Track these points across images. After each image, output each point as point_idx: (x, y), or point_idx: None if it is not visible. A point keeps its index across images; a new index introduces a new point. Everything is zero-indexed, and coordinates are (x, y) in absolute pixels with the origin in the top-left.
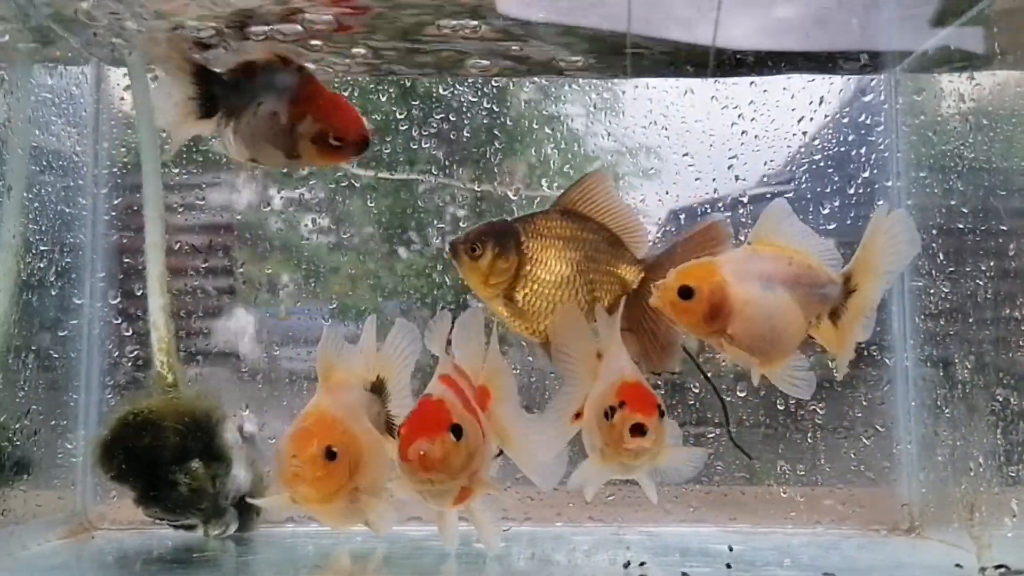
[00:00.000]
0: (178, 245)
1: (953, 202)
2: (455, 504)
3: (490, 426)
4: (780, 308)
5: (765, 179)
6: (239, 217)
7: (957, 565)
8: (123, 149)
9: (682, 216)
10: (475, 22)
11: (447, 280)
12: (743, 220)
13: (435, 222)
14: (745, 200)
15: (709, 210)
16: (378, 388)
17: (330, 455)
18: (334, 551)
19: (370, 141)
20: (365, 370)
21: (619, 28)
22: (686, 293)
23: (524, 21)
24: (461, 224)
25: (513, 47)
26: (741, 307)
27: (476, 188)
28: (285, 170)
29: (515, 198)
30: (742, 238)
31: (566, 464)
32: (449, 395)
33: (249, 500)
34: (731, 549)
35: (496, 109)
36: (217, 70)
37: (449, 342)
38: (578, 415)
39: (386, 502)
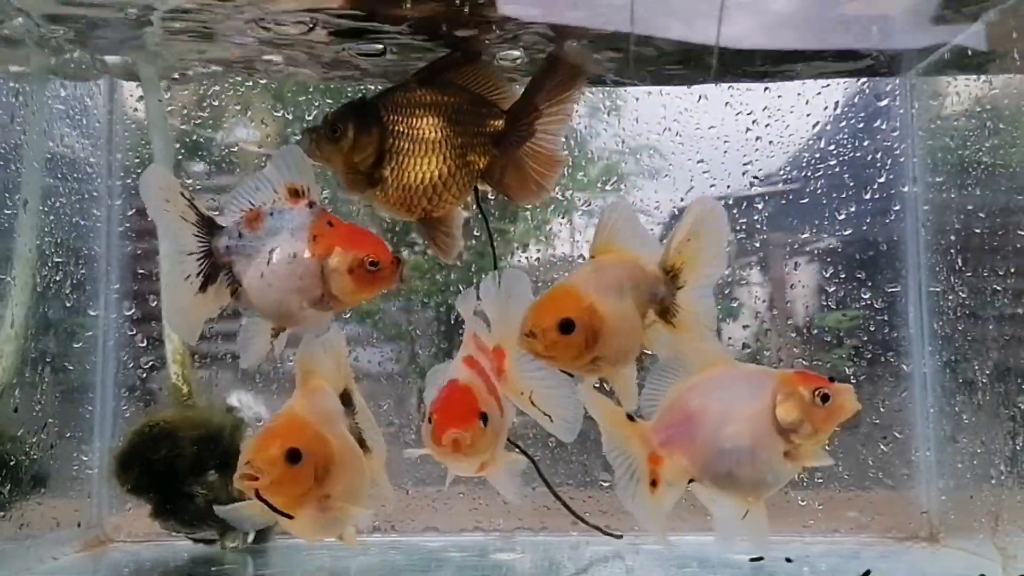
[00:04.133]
0: None
1: (971, 206)
2: (477, 472)
3: (507, 393)
4: (633, 316)
5: (778, 180)
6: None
7: (982, 575)
8: (137, 160)
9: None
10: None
11: (452, 278)
12: (755, 220)
13: None
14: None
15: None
16: (345, 401)
17: (293, 457)
18: (350, 562)
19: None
20: (337, 380)
21: (622, 28)
22: (568, 327)
23: (525, 21)
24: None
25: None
26: (612, 325)
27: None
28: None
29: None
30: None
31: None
32: (475, 380)
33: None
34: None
35: None
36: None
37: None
38: None
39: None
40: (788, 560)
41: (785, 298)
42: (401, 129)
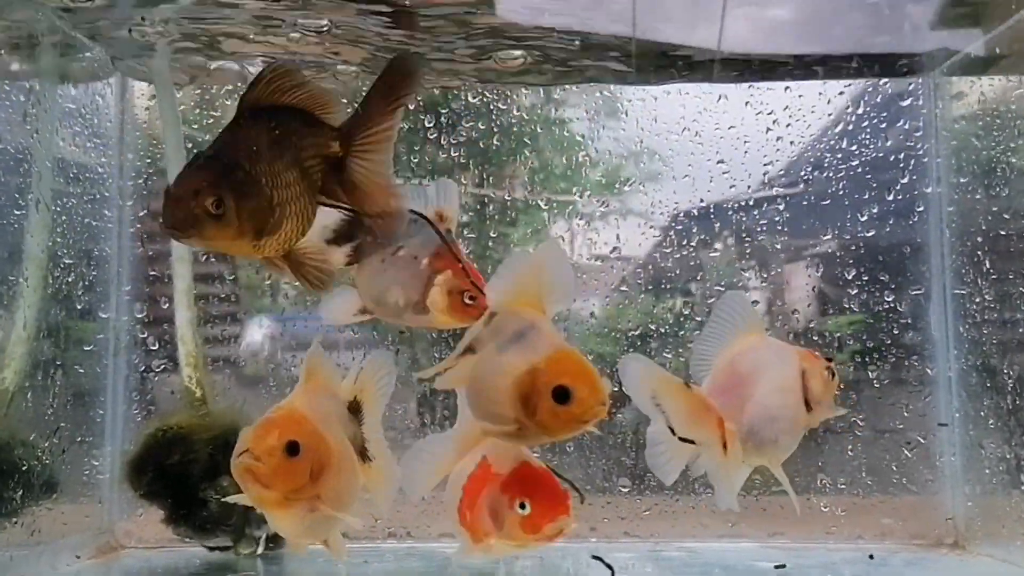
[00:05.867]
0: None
1: (996, 207)
2: None
3: None
4: None
5: (799, 182)
6: None
7: None
8: (148, 161)
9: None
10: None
11: None
12: (776, 220)
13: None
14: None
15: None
16: (354, 409)
17: (292, 450)
18: (366, 569)
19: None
20: (346, 388)
21: (623, 32)
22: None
23: (525, 25)
24: (464, 231)
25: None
26: None
27: (504, 193)
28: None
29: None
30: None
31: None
32: (533, 457)
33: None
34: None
35: (515, 113)
36: None
37: None
38: None
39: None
40: (871, 557)
41: (806, 301)
42: (276, 180)
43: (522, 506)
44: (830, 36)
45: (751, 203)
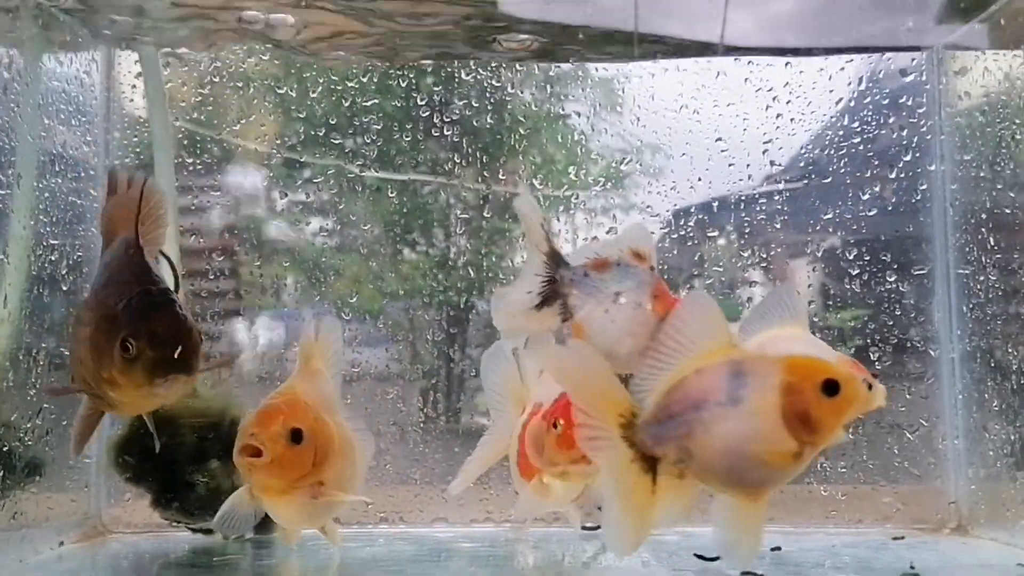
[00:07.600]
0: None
1: (1001, 186)
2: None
3: None
4: None
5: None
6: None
7: (1020, 564)
8: (135, 139)
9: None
10: None
11: (452, 281)
12: (776, 200)
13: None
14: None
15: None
16: None
17: (295, 437)
18: (357, 553)
19: None
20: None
21: (624, 26)
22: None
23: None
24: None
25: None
26: None
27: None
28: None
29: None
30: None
31: None
32: None
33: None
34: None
35: (511, 96)
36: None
37: None
38: None
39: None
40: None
41: (806, 282)
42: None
43: (555, 424)
44: (832, 30)
45: (750, 181)
